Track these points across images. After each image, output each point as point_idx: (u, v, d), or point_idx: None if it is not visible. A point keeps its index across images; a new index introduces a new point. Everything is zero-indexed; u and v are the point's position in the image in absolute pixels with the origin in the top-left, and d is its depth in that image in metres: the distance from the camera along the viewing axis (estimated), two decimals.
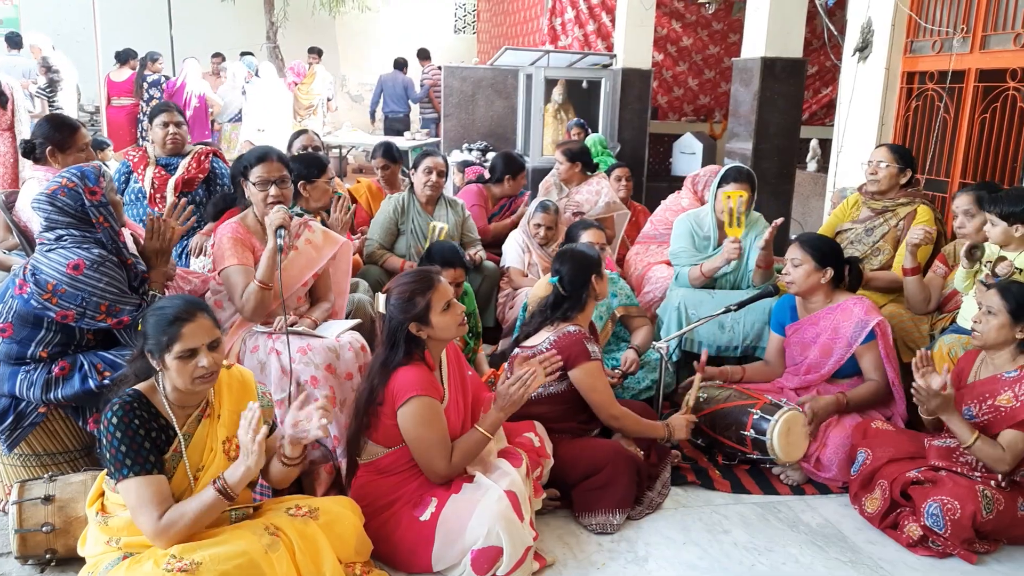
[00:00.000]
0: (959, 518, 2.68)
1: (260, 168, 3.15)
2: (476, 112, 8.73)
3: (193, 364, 2.19)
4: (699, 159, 8.73)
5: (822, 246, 3.47)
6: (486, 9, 14.60)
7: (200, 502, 2.15)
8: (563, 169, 5.24)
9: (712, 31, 10.79)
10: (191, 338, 2.18)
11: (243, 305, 3.03)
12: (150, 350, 2.20)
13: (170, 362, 2.18)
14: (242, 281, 3.03)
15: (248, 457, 2.14)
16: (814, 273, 3.41)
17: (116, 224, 2.80)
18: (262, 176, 3.14)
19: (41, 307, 2.65)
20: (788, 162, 6.31)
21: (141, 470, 2.12)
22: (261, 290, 2.99)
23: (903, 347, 3.63)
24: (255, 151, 3.27)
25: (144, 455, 2.14)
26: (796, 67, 6.09)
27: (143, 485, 2.12)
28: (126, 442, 2.12)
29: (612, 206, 5.10)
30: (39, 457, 2.80)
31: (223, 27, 14.42)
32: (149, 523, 2.11)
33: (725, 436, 3.30)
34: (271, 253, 2.97)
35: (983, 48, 4.57)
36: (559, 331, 3.09)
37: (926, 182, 4.86)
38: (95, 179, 2.78)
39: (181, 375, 2.19)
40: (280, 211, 3.02)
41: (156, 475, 2.15)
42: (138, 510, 2.12)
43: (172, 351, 2.17)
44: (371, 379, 2.62)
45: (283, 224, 2.98)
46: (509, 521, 2.42)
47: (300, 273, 3.19)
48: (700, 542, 2.85)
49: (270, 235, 2.98)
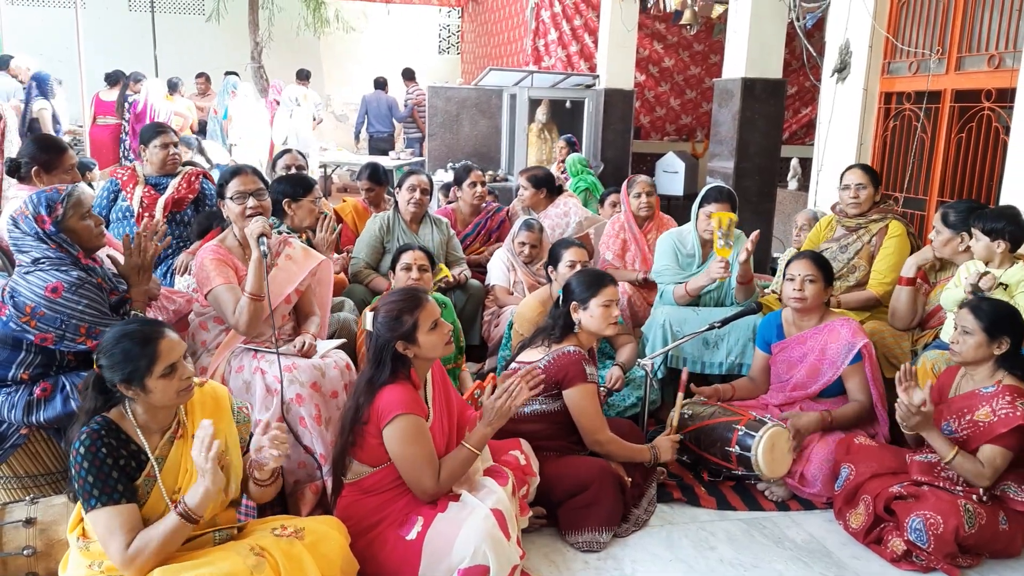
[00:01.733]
0: (942, 533, 2.70)
1: (236, 182, 3.16)
2: (461, 132, 8.78)
3: (177, 377, 2.18)
4: (681, 178, 8.83)
5: (826, 264, 3.52)
6: (470, 30, 14.71)
7: (165, 527, 2.12)
8: (528, 195, 5.23)
9: (693, 52, 10.94)
10: (169, 353, 2.17)
11: (237, 321, 3.00)
12: (126, 380, 2.15)
13: (153, 384, 2.15)
14: (231, 298, 3.01)
15: (204, 476, 2.11)
16: (823, 292, 3.46)
17: (73, 250, 2.74)
18: (239, 189, 3.15)
19: (20, 330, 2.63)
20: (769, 181, 6.38)
21: (109, 500, 2.10)
22: (253, 302, 2.97)
23: (885, 363, 3.67)
24: (228, 168, 3.30)
25: (112, 485, 2.11)
26: (776, 88, 6.18)
27: (111, 515, 2.10)
28: (93, 472, 2.10)
29: (584, 223, 5.10)
30: (20, 479, 2.77)
31: (208, 47, 14.44)
32: (118, 552, 2.08)
33: (710, 453, 3.31)
34: (256, 263, 2.96)
35: (958, 69, 4.67)
36: (557, 350, 3.10)
37: (904, 200, 4.93)
38: (48, 207, 2.70)
39: (166, 392, 2.17)
40: (259, 220, 3.03)
41: (124, 504, 2.12)
42: (107, 540, 2.10)
43: (154, 372, 2.15)
44: (356, 397, 2.61)
45: (264, 232, 2.98)
46: (496, 540, 2.42)
47: (281, 288, 3.18)
48: (687, 559, 2.86)
49: (252, 245, 2.97)
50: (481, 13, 13.48)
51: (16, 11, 14.04)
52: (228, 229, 3.27)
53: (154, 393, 2.17)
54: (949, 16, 4.69)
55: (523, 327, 3.70)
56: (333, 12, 15.55)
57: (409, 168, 5.13)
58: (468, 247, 5.12)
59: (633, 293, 4.43)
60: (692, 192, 8.25)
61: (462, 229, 5.15)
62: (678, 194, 9.12)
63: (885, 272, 3.90)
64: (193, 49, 14.09)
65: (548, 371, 3.05)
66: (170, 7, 15.42)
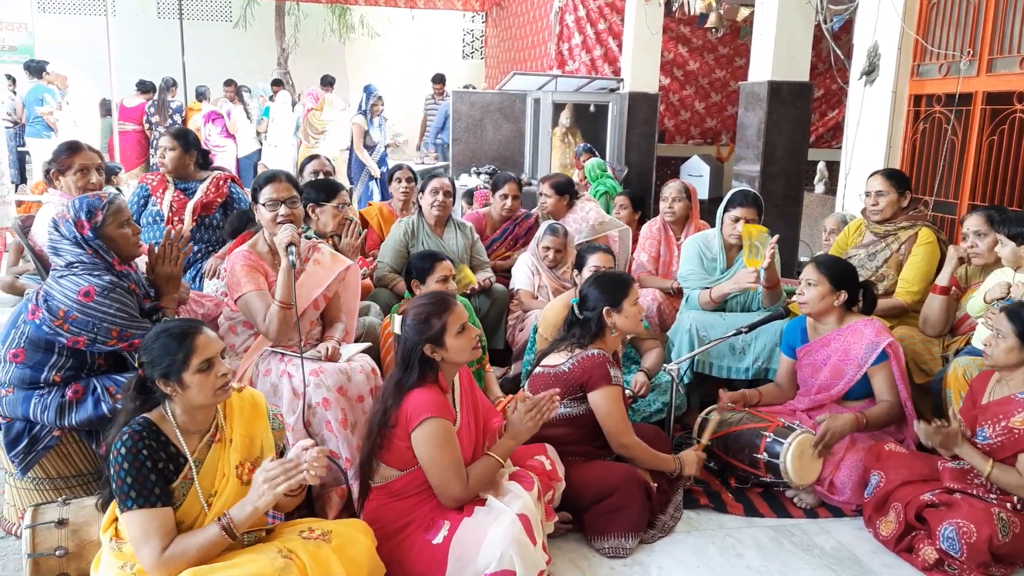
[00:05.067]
0: (975, 541, 2.66)
1: (269, 188, 3.18)
2: (484, 136, 8.80)
3: (213, 374, 2.21)
4: (707, 182, 8.78)
5: (838, 268, 3.46)
6: (494, 35, 14.75)
7: (204, 538, 2.15)
8: (551, 202, 5.16)
9: (718, 55, 10.89)
10: (205, 348, 2.21)
11: (267, 328, 3.04)
12: (164, 375, 2.19)
13: (190, 379, 2.19)
14: (262, 306, 3.05)
15: (260, 498, 2.15)
16: (828, 295, 3.40)
17: (108, 256, 2.78)
18: (271, 196, 3.17)
19: (53, 333, 2.67)
20: (796, 185, 6.33)
21: (145, 502, 2.12)
22: (282, 310, 3.01)
23: (915, 369, 3.62)
24: (264, 173, 3.31)
25: (149, 487, 2.13)
26: (803, 91, 6.13)
27: (146, 518, 2.12)
28: (132, 473, 2.12)
29: (598, 227, 5.07)
30: (52, 481, 2.81)
31: (235, 54, 14.63)
32: (151, 556, 2.10)
33: (738, 459, 3.29)
34: (286, 272, 2.99)
35: (990, 71, 4.60)
36: (581, 354, 3.09)
37: (935, 204, 4.87)
38: (89, 213, 2.76)
39: (203, 389, 2.20)
40: (288, 229, 3.05)
41: (160, 508, 2.14)
42: (140, 542, 2.12)
43: (191, 366, 2.18)
44: (385, 400, 2.62)
45: (293, 241, 3.00)
46: (522, 544, 2.41)
47: (309, 292, 3.20)
48: (713, 566, 2.83)
49: (281, 254, 3.00)
50: (505, 18, 13.51)
51: (48, 19, 14.31)
52: (259, 234, 3.29)
53: (191, 389, 2.19)
54: (980, 17, 4.63)
55: (548, 331, 3.69)
56: (358, 18, 15.70)
57: (431, 172, 5.15)
58: (494, 252, 5.13)
59: (662, 299, 4.42)
60: (717, 196, 8.21)
61: (490, 233, 5.17)
62: (703, 198, 9.06)
63: (913, 280, 3.84)
64: (220, 56, 14.27)
65: (572, 374, 3.05)
66: (198, 14, 15.64)
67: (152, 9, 15.33)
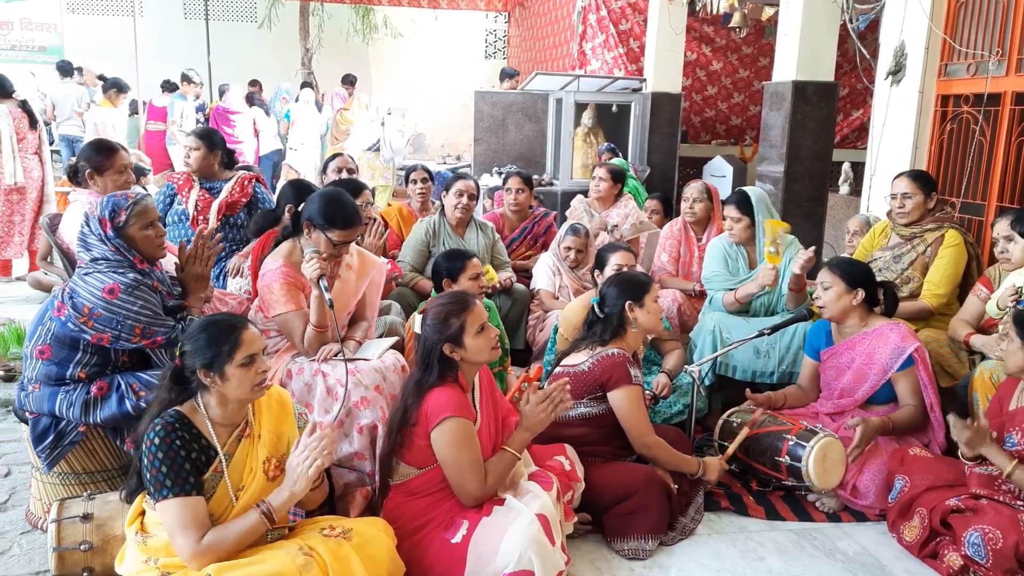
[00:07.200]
0: (1001, 548, 2.62)
1: (343, 232, 3.08)
2: (506, 136, 8.79)
3: (254, 370, 2.24)
4: (730, 182, 8.71)
5: (851, 268, 3.44)
6: (516, 35, 14.76)
7: (244, 525, 2.18)
8: (605, 187, 5.30)
9: (742, 55, 10.81)
10: (251, 344, 2.25)
11: (305, 348, 3.10)
12: (206, 365, 2.21)
13: (232, 372, 2.21)
14: (300, 326, 3.09)
15: (296, 482, 2.20)
16: (845, 295, 3.37)
17: (130, 255, 2.80)
18: (339, 239, 3.08)
19: (77, 330, 2.70)
20: (820, 185, 6.27)
21: (181, 491, 2.15)
22: (318, 333, 3.06)
23: (941, 373, 3.57)
24: (345, 211, 3.11)
25: (184, 476, 2.16)
26: (828, 91, 6.07)
27: (182, 507, 2.14)
28: (167, 462, 2.15)
29: (639, 227, 5.11)
30: (78, 476, 2.85)
31: (259, 54, 14.76)
32: (188, 545, 2.12)
33: (759, 462, 3.26)
34: (317, 301, 3.02)
35: (1019, 71, 4.52)
36: (600, 352, 3.09)
37: (962, 205, 4.80)
38: (112, 212, 2.79)
39: (243, 383, 2.23)
40: (315, 265, 2.96)
41: (195, 496, 2.17)
42: (176, 531, 2.14)
43: (235, 359, 2.21)
44: (405, 399, 2.63)
45: (323, 274, 2.99)
46: (541, 545, 2.41)
47: (347, 302, 3.26)
48: (734, 569, 2.81)
49: (312, 286, 3.02)
50: (528, 18, 13.51)
51: (77, 19, 14.51)
52: (295, 243, 3.20)
53: (231, 382, 2.22)
54: (1009, 16, 4.55)
55: (568, 331, 3.69)
56: (382, 18, 15.77)
57: (457, 172, 5.16)
58: (514, 251, 5.13)
59: (683, 300, 4.40)
60: None
61: (509, 233, 5.17)
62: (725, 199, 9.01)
63: (939, 283, 3.79)
64: (244, 56, 14.40)
65: (592, 373, 3.05)
66: (223, 15, 15.78)
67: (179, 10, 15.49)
